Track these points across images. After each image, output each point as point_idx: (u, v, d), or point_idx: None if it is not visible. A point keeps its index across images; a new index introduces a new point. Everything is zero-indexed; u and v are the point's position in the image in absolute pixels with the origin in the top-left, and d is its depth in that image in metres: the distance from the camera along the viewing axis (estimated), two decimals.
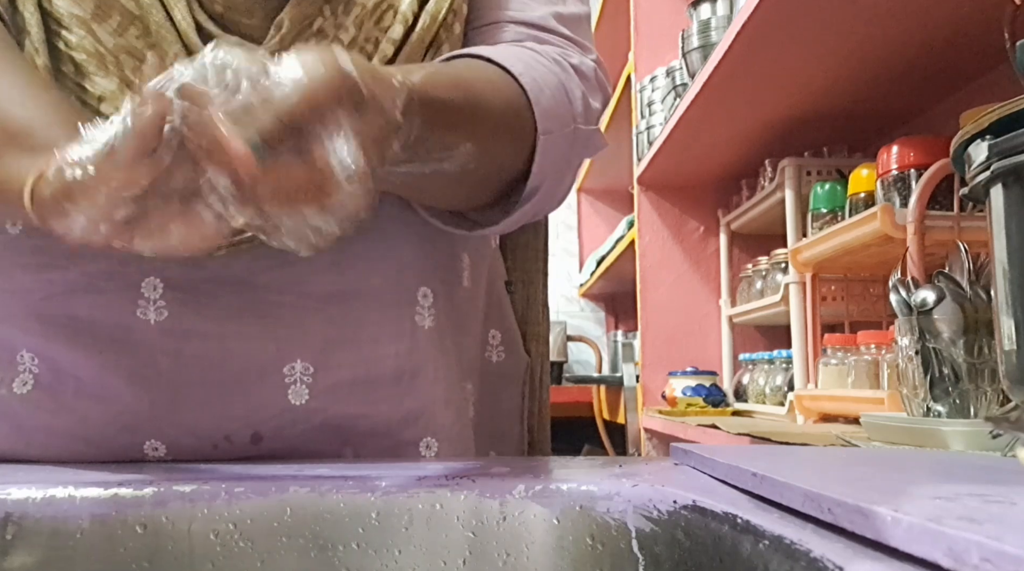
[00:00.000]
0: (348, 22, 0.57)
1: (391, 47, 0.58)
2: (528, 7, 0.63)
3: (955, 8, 1.12)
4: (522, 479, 0.42)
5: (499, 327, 0.72)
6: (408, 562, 0.41)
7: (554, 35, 0.63)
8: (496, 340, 0.71)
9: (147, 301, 0.56)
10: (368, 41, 0.58)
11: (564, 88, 0.58)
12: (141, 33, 0.55)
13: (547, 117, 0.56)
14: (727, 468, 0.40)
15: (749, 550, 0.31)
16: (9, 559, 0.41)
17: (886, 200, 1.13)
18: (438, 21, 0.59)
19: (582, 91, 0.60)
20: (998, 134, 0.47)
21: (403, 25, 0.58)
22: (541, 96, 0.56)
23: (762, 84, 1.47)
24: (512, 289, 0.75)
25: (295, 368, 0.57)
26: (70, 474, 0.46)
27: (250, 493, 0.42)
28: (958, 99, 1.42)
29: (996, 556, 0.20)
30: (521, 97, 0.55)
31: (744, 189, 1.91)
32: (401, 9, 0.58)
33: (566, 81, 0.59)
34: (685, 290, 2.17)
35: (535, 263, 0.77)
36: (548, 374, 0.77)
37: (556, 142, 0.57)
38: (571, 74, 0.60)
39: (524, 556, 0.41)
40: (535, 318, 0.75)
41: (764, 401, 1.69)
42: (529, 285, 0.76)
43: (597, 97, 0.63)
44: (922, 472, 0.39)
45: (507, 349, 0.72)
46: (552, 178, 0.58)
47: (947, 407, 0.76)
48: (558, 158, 0.58)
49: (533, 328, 0.75)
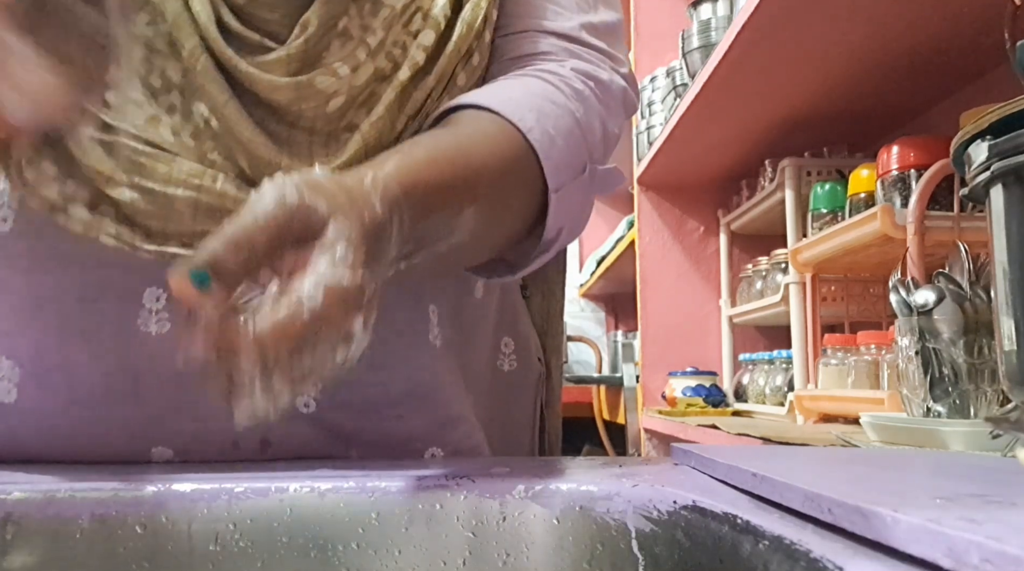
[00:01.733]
0: (376, 24, 0.55)
1: (422, 54, 0.55)
2: (561, 16, 0.60)
3: (955, 8, 1.12)
4: (522, 479, 0.42)
5: (512, 334, 0.69)
6: (408, 562, 0.41)
7: (586, 48, 0.60)
8: (509, 348, 0.69)
9: (149, 312, 0.54)
10: (396, 45, 0.55)
11: (580, 128, 0.56)
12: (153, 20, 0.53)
13: (559, 172, 0.53)
14: (727, 468, 0.40)
15: (749, 550, 0.31)
16: (9, 559, 0.41)
17: (886, 200, 1.13)
18: (474, 30, 0.56)
19: (601, 121, 0.58)
20: (998, 134, 0.47)
21: (435, 31, 0.55)
22: (552, 150, 0.53)
23: (762, 84, 1.47)
24: (528, 296, 0.72)
25: None
26: (70, 474, 0.46)
27: (250, 493, 0.42)
28: (958, 99, 1.42)
29: (996, 556, 0.20)
30: (529, 154, 0.52)
31: (744, 189, 1.91)
32: (433, 13, 0.55)
33: (584, 117, 0.56)
34: (685, 290, 2.17)
35: (556, 274, 0.74)
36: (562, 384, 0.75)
37: (569, 193, 0.55)
38: (591, 103, 0.58)
39: (524, 556, 0.41)
40: (554, 329, 0.73)
41: (764, 401, 1.69)
42: (549, 296, 0.73)
43: (619, 119, 0.60)
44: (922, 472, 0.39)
45: (519, 358, 0.69)
46: (572, 222, 0.56)
47: (947, 407, 0.76)
48: (573, 206, 0.56)
49: (553, 340, 0.73)
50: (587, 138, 0.56)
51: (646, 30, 2.19)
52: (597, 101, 0.58)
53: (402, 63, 0.55)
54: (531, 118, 0.53)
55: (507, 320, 0.69)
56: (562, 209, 0.55)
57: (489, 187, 0.50)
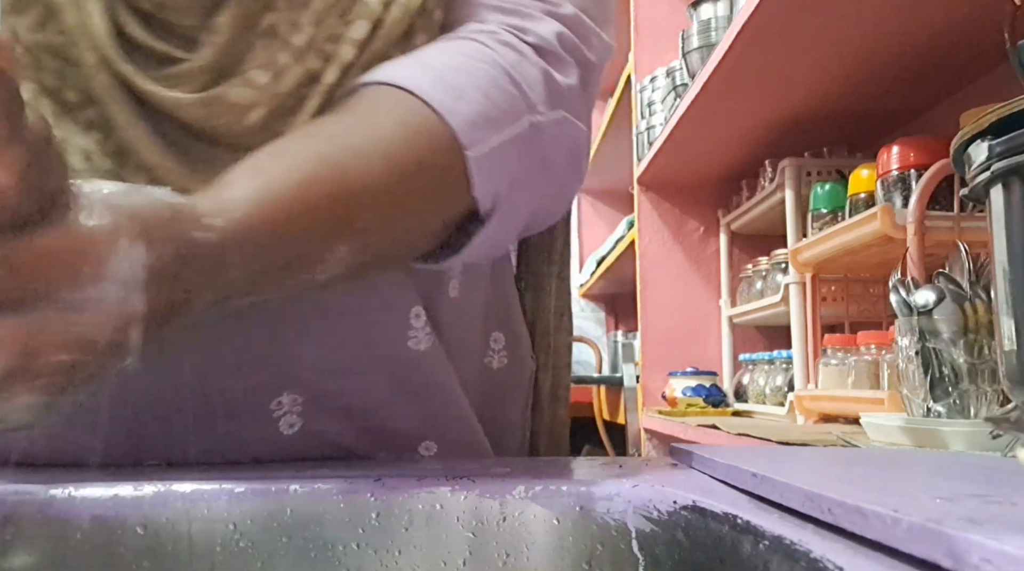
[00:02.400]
0: (304, 18, 0.48)
1: (352, 50, 0.49)
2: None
3: (955, 8, 1.12)
4: (522, 479, 0.42)
5: (502, 329, 0.64)
6: (408, 562, 0.41)
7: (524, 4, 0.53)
8: (498, 344, 0.64)
9: None
10: (330, 40, 0.49)
11: (510, 78, 0.49)
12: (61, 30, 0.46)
13: (475, 128, 0.47)
14: (727, 468, 0.40)
15: (749, 550, 0.31)
16: (9, 559, 0.41)
17: (886, 200, 1.14)
18: (411, 11, 0.50)
19: (542, 71, 0.51)
20: (998, 134, 0.47)
21: (369, 21, 0.49)
22: (460, 104, 0.46)
23: (762, 84, 1.47)
24: (521, 290, 0.68)
25: (282, 402, 0.53)
26: (70, 474, 0.46)
27: (250, 493, 0.42)
28: (958, 99, 1.43)
29: (997, 556, 0.20)
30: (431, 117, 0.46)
31: (744, 189, 1.91)
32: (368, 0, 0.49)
33: (515, 67, 0.50)
34: (685, 290, 2.17)
35: (547, 267, 0.68)
36: (567, 389, 0.69)
37: (502, 150, 0.48)
38: (524, 52, 0.51)
39: (524, 557, 0.41)
40: (544, 327, 0.68)
41: (764, 401, 1.69)
42: (539, 291, 0.68)
43: (569, 69, 0.53)
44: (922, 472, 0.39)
45: (510, 355, 0.65)
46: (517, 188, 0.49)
47: (947, 407, 0.76)
48: (514, 164, 0.49)
49: (542, 338, 0.67)
50: (521, 89, 0.50)
51: (646, 30, 2.20)
52: (533, 51, 0.52)
53: (331, 61, 0.49)
54: (425, 78, 0.47)
55: (497, 315, 0.64)
56: (496, 173, 0.47)
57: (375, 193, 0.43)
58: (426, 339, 0.57)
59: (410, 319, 0.56)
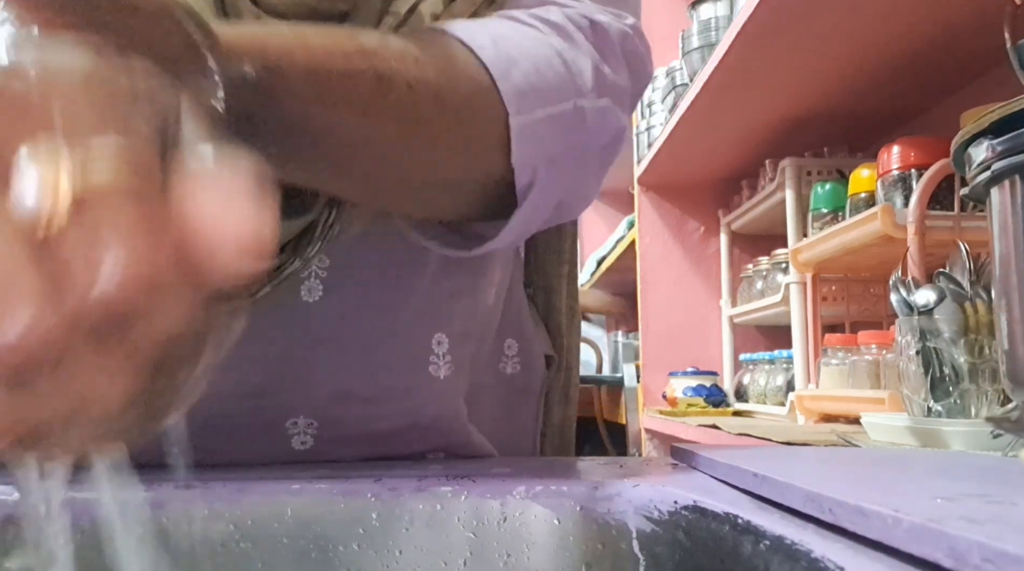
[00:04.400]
0: None
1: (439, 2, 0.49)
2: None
3: (955, 8, 1.12)
4: (523, 480, 0.42)
5: (516, 336, 0.65)
6: (409, 563, 0.41)
7: None
8: (512, 350, 0.64)
9: None
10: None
11: (563, 61, 0.49)
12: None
13: (523, 97, 0.46)
14: (728, 468, 0.40)
15: (750, 550, 0.31)
16: (9, 559, 0.41)
17: (887, 200, 1.14)
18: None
19: (593, 62, 0.50)
20: (998, 134, 0.47)
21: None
22: (513, 71, 0.46)
23: (762, 84, 1.47)
24: (532, 293, 0.68)
25: (297, 423, 0.54)
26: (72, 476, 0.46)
27: (250, 494, 0.42)
28: (958, 99, 1.43)
29: (997, 556, 0.20)
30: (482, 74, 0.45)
31: (744, 189, 1.91)
32: None
33: (568, 52, 0.49)
34: (685, 290, 2.17)
35: (557, 267, 0.68)
36: (576, 389, 0.69)
37: (546, 124, 0.47)
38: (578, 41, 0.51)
39: (525, 557, 0.41)
40: (556, 327, 0.68)
41: (765, 401, 1.69)
42: (550, 291, 0.68)
43: (621, 69, 0.53)
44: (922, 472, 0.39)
45: (523, 361, 0.65)
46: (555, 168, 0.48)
47: (947, 407, 0.76)
48: (555, 142, 0.48)
49: (555, 339, 0.68)
50: (572, 74, 0.49)
51: (646, 30, 2.18)
52: (586, 39, 0.51)
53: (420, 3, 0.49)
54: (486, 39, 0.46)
55: (511, 321, 0.64)
56: (537, 146, 0.47)
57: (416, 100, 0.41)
58: (446, 367, 0.57)
59: (432, 345, 0.56)
